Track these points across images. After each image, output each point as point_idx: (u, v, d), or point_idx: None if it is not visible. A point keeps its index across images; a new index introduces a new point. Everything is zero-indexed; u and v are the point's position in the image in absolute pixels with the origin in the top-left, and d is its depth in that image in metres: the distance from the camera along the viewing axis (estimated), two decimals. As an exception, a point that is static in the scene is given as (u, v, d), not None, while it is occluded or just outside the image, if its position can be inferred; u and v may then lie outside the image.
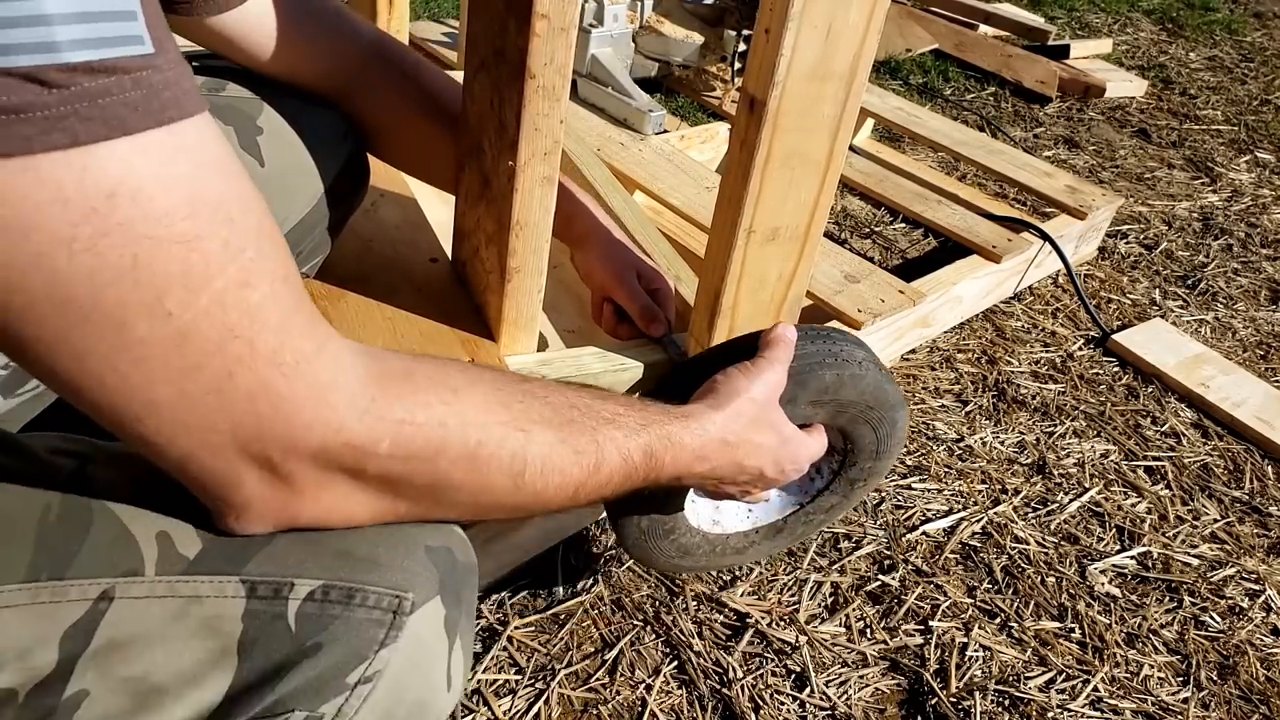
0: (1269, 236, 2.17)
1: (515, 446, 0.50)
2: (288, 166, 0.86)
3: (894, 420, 0.86)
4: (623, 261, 0.98)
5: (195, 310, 0.37)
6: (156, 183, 0.35)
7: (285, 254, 0.42)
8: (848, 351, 0.81)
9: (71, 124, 0.32)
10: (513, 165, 0.84)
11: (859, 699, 0.97)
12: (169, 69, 0.35)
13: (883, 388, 0.82)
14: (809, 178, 0.99)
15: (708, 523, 0.91)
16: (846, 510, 0.94)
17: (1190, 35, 3.69)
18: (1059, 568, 1.17)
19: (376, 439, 0.44)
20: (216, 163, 0.38)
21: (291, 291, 0.42)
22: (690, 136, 1.86)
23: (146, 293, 0.36)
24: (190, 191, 0.36)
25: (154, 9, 0.35)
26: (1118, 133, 2.63)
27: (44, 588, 0.44)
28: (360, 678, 0.47)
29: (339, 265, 1.03)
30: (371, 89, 0.91)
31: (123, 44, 0.33)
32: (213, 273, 0.37)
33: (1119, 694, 1.03)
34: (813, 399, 0.79)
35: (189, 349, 0.38)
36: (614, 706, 0.92)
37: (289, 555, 0.49)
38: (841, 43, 0.88)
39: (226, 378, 0.39)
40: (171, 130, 0.35)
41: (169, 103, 0.35)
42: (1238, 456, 1.43)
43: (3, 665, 0.43)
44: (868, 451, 0.88)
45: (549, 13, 0.75)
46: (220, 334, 0.38)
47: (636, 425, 0.58)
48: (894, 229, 1.92)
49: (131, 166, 0.34)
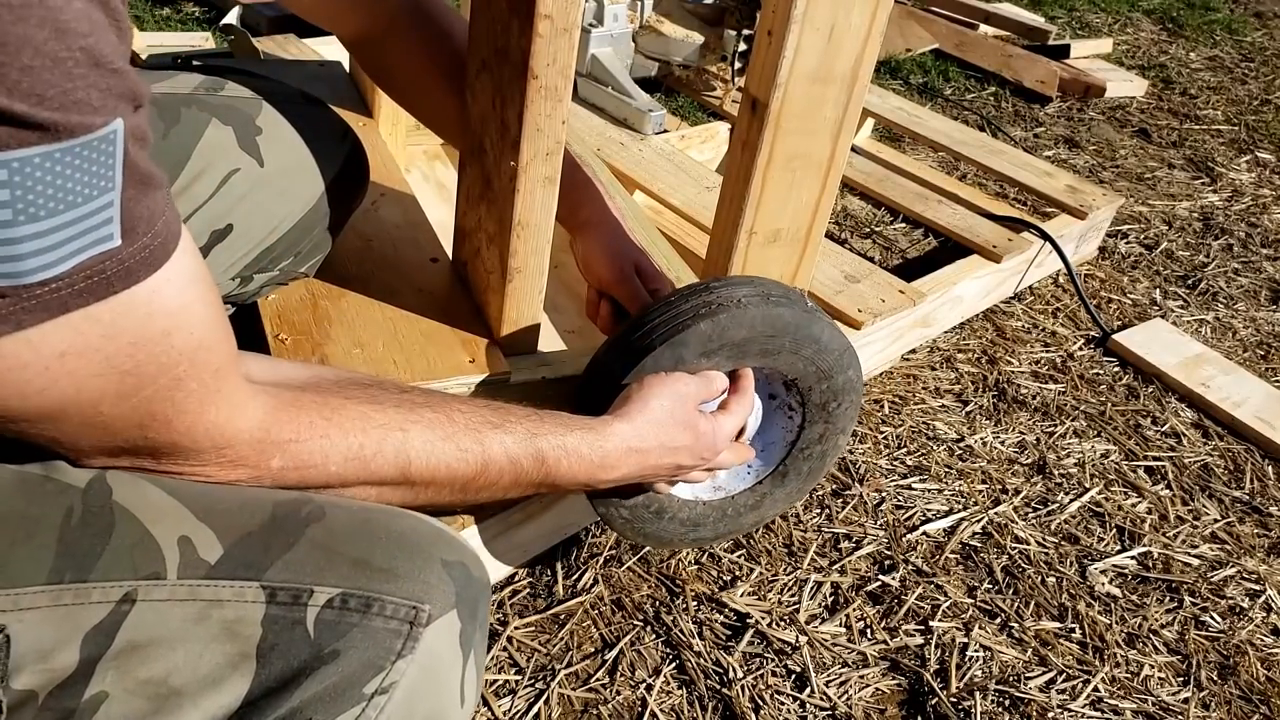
0: (1269, 236, 2.17)
1: (396, 444, 0.58)
2: (287, 166, 0.86)
3: (813, 338, 0.84)
4: (626, 257, 0.97)
5: (124, 409, 0.46)
6: (101, 339, 0.43)
7: (222, 348, 0.50)
8: (725, 294, 0.81)
9: (19, 316, 0.40)
10: (514, 165, 0.83)
11: (859, 699, 0.97)
12: (131, 245, 0.43)
13: (772, 314, 0.81)
14: (811, 179, 0.99)
15: (708, 491, 0.91)
16: (843, 435, 0.93)
17: (1190, 35, 3.69)
18: (1059, 568, 1.17)
19: (269, 458, 0.53)
20: (165, 307, 0.45)
21: (217, 378, 0.50)
22: (690, 136, 1.86)
23: (85, 406, 0.45)
24: (134, 337, 0.44)
25: (136, 184, 0.42)
26: (1118, 132, 2.63)
27: (66, 590, 0.45)
28: (377, 688, 0.47)
29: (339, 264, 1.03)
30: (403, 44, 0.94)
31: (92, 247, 0.41)
32: (144, 384, 0.46)
33: (1119, 694, 1.03)
34: (700, 352, 0.79)
35: (115, 428, 0.47)
36: (614, 707, 0.92)
37: (308, 563, 0.49)
38: (844, 45, 0.88)
39: (140, 439, 0.49)
40: (119, 299, 0.43)
41: (118, 278, 0.43)
42: (1238, 456, 1.43)
43: (23, 666, 0.43)
44: (810, 375, 0.87)
45: (552, 13, 0.75)
46: (142, 419, 0.47)
47: (526, 433, 0.66)
48: (894, 229, 1.92)
49: (78, 332, 0.42)
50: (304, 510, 0.52)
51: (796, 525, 1.16)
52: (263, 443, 0.53)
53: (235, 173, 0.81)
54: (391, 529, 0.53)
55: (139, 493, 0.49)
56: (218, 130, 0.81)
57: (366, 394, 0.60)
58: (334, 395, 0.58)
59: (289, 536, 0.50)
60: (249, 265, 0.88)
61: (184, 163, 0.79)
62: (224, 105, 0.82)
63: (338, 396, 0.58)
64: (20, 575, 0.45)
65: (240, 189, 0.82)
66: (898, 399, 1.42)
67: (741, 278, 0.87)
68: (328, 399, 0.57)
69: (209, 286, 0.49)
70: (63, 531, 0.46)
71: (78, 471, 0.49)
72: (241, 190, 0.82)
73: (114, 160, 0.41)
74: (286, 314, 0.97)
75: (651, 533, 0.87)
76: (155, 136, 0.77)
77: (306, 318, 0.97)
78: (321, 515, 0.52)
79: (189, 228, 0.80)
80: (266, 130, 0.84)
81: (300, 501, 0.53)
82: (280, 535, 0.50)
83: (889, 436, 1.34)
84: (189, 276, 0.47)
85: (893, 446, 1.32)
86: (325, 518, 0.52)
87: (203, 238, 0.82)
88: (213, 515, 0.50)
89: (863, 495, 1.22)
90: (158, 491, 0.50)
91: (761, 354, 0.83)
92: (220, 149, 0.81)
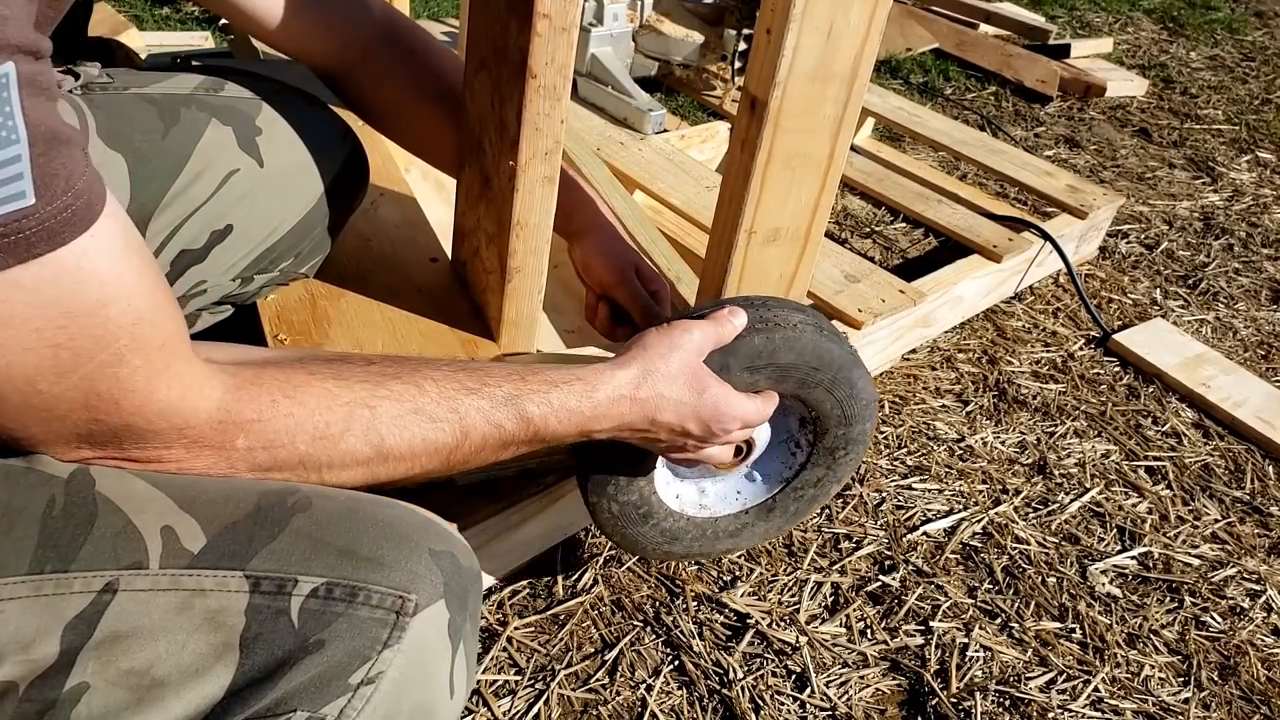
0: (1270, 236, 2.17)
1: (365, 421, 0.57)
2: (287, 166, 0.86)
3: (850, 381, 0.84)
4: (624, 259, 0.97)
5: (63, 386, 0.45)
6: (27, 308, 0.42)
7: (167, 323, 0.49)
8: (781, 316, 0.80)
9: None
10: (513, 165, 0.83)
11: (859, 699, 0.97)
12: (50, 204, 0.41)
13: (823, 347, 0.81)
14: (810, 178, 0.99)
15: (694, 506, 0.91)
16: (838, 483, 0.93)
17: (1191, 34, 3.69)
18: (1060, 568, 1.17)
19: (233, 438, 0.52)
20: (95, 273, 0.44)
21: (164, 355, 0.48)
22: (690, 136, 1.86)
23: (21, 384, 0.44)
24: (64, 307, 0.43)
25: (45, 140, 0.41)
26: (1118, 132, 2.63)
27: (47, 580, 0.45)
28: (363, 678, 0.47)
29: (339, 264, 1.03)
30: (379, 70, 0.92)
31: (2, 204, 0.40)
32: (81, 361, 0.45)
33: (1120, 694, 1.03)
34: (746, 365, 0.78)
35: (59, 410, 0.46)
36: (614, 707, 0.92)
37: (293, 552, 0.49)
38: (843, 44, 0.88)
39: (92, 423, 0.48)
40: (42, 262, 0.42)
41: (39, 238, 0.41)
42: (1238, 456, 1.43)
43: (4, 657, 0.43)
44: (834, 418, 0.86)
45: (551, 12, 0.74)
46: (86, 398, 0.46)
47: (506, 396, 0.63)
48: (894, 228, 1.91)
49: (1, 299, 0.41)
50: (290, 500, 0.52)
51: (796, 525, 1.16)
52: (224, 423, 0.52)
53: (235, 173, 0.81)
54: (379, 518, 0.52)
55: (122, 483, 0.49)
56: (217, 130, 0.81)
57: (330, 369, 0.58)
58: (297, 372, 0.56)
59: (274, 526, 0.50)
60: (250, 266, 0.88)
61: (184, 163, 0.78)
62: (224, 105, 0.82)
63: (301, 373, 0.56)
64: (1, 565, 0.44)
65: (240, 189, 0.82)
66: (898, 399, 1.42)
67: (794, 303, 0.85)
68: (290, 375, 0.56)
69: (146, 259, 0.48)
70: (44, 522, 0.46)
71: (60, 463, 0.49)
72: (241, 190, 0.82)
73: (10, 109, 0.39)
74: (286, 314, 0.97)
75: (630, 535, 0.86)
76: (154, 136, 0.77)
77: (306, 318, 0.97)
78: (308, 505, 0.52)
79: (189, 228, 0.81)
80: (266, 130, 0.84)
81: (286, 492, 0.52)
82: (264, 525, 0.50)
83: (889, 436, 1.34)
84: (121, 244, 0.46)
85: (893, 446, 1.32)
86: (311, 508, 0.51)
87: (202, 238, 0.82)
88: (196, 505, 0.49)
89: (863, 495, 1.22)
90: (141, 482, 0.49)
91: (799, 384, 0.82)
92: (220, 149, 0.81)
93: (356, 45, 0.90)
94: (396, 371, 0.60)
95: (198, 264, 0.83)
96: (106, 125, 0.74)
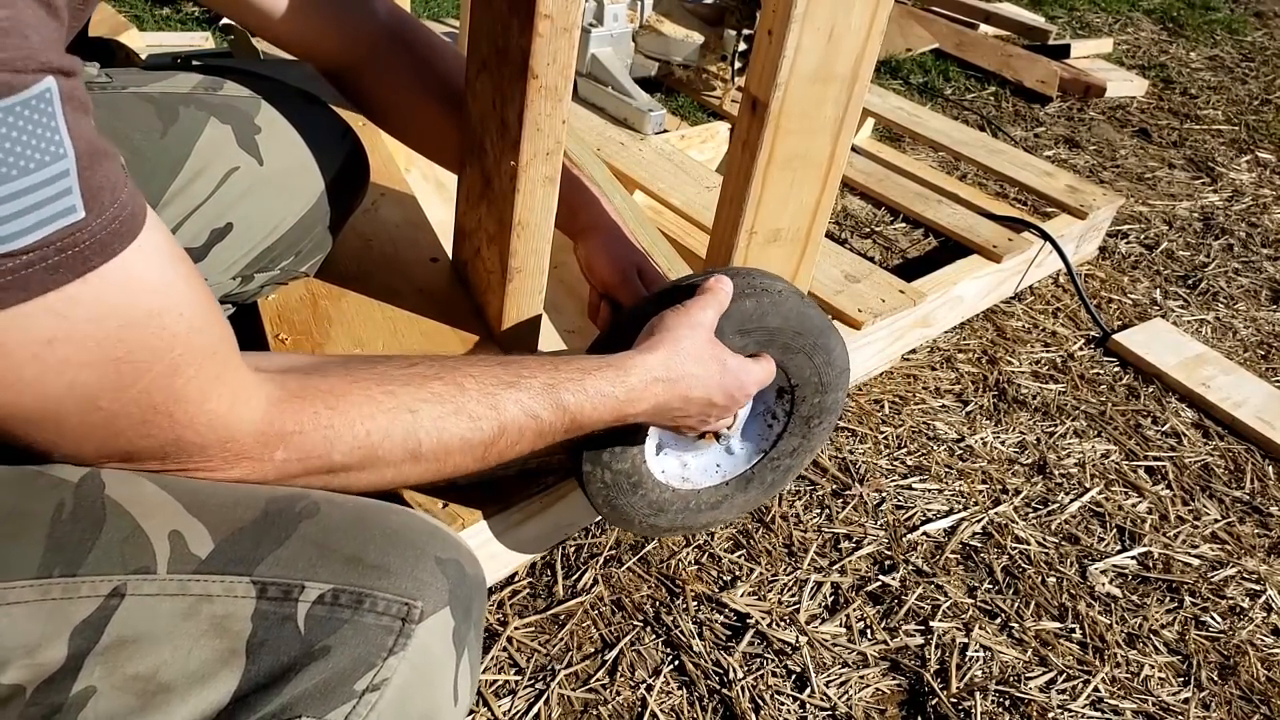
0: (1270, 236, 2.17)
1: (405, 426, 0.58)
2: (287, 165, 0.86)
3: (827, 348, 0.88)
4: (627, 259, 0.97)
5: (123, 401, 0.46)
6: (88, 323, 0.42)
7: (216, 330, 0.49)
8: (765, 282, 0.84)
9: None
10: (515, 165, 0.83)
11: (859, 699, 0.97)
12: (99, 217, 0.42)
13: (804, 312, 0.84)
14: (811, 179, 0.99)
15: (677, 479, 0.92)
16: (811, 453, 0.96)
17: (1191, 35, 3.69)
18: (1059, 568, 1.17)
19: (272, 450, 0.53)
20: (147, 283, 0.45)
21: (215, 363, 0.49)
22: (690, 136, 1.86)
23: (83, 401, 0.44)
24: (122, 319, 0.44)
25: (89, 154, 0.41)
26: (1118, 132, 2.63)
27: (55, 584, 0.45)
28: (368, 685, 0.47)
29: (339, 264, 1.03)
30: (385, 68, 0.92)
31: (55, 220, 0.40)
32: (140, 373, 0.45)
33: (1119, 694, 1.03)
34: (738, 328, 0.81)
35: (117, 426, 0.47)
36: (614, 707, 0.92)
37: (299, 558, 0.49)
38: (844, 45, 0.88)
39: (143, 437, 0.48)
40: (99, 274, 0.42)
41: (93, 251, 0.42)
42: (1238, 456, 1.43)
43: (11, 661, 0.43)
44: (811, 384, 0.89)
45: (552, 13, 0.74)
46: (144, 412, 0.47)
47: (543, 385, 0.65)
48: (894, 229, 1.92)
49: (61, 316, 0.41)
50: (297, 506, 0.52)
51: (796, 525, 1.16)
52: (266, 434, 0.52)
53: (234, 171, 0.81)
54: (385, 525, 0.52)
55: (132, 487, 0.49)
56: (216, 129, 0.81)
57: (374, 374, 0.58)
58: (341, 379, 0.57)
59: (281, 532, 0.50)
60: (250, 264, 0.88)
61: (183, 161, 0.78)
62: (223, 104, 0.82)
63: (344, 380, 0.57)
64: (9, 569, 0.44)
65: (239, 188, 0.82)
66: (898, 399, 1.42)
67: (771, 273, 0.89)
68: (334, 385, 0.56)
69: (190, 267, 0.48)
70: (53, 526, 0.46)
71: (71, 467, 0.49)
72: (241, 189, 0.82)
73: (55, 123, 0.39)
74: (286, 314, 0.97)
75: (619, 505, 0.87)
76: (153, 135, 0.77)
77: (306, 317, 0.97)
78: (315, 511, 0.52)
79: (189, 227, 0.81)
80: (266, 129, 0.84)
81: (294, 498, 0.52)
82: (272, 531, 0.50)
83: (889, 436, 1.34)
84: (166, 253, 0.46)
85: (893, 446, 1.32)
86: (319, 514, 0.52)
87: (202, 236, 0.82)
88: (205, 510, 0.49)
89: (863, 495, 1.22)
90: (151, 486, 0.49)
91: (783, 349, 0.85)
92: (219, 147, 0.81)
93: (362, 43, 0.90)
94: (438, 372, 0.61)
95: (198, 262, 0.83)
96: (105, 124, 0.74)
